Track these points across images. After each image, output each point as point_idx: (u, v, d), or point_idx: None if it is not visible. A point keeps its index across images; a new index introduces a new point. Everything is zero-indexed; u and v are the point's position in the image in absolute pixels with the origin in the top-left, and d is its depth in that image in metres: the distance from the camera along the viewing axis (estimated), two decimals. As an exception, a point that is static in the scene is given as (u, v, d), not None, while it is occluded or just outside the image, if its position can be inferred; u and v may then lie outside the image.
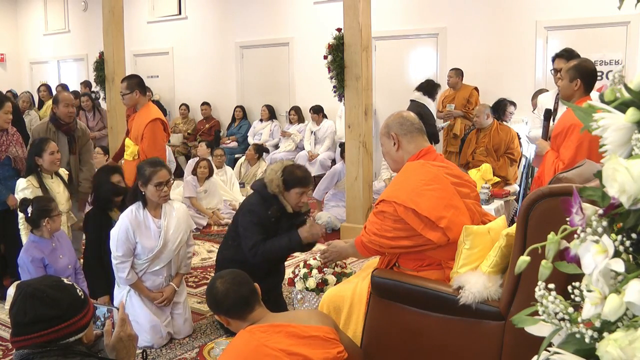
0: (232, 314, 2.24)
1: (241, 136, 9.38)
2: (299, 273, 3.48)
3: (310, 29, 8.85)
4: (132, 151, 4.77)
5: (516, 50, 7.44)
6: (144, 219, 3.39)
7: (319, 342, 2.11)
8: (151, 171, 3.30)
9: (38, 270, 3.66)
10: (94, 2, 11.23)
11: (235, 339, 2.18)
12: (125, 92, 4.76)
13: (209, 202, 6.61)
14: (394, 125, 2.73)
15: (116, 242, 3.34)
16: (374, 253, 2.71)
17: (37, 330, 1.69)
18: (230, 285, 2.24)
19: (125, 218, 3.35)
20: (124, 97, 4.81)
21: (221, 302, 2.24)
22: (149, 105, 4.89)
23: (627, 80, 1.10)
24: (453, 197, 2.54)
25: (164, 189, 3.31)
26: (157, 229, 3.40)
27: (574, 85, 3.49)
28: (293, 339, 2.08)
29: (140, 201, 3.40)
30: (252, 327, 2.14)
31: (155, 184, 3.28)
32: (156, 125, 4.73)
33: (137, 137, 4.73)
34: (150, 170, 3.30)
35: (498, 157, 5.89)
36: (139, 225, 3.36)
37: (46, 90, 9.71)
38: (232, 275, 2.30)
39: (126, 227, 3.32)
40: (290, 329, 2.11)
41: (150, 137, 4.69)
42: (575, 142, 3.30)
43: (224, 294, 2.23)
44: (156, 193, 3.31)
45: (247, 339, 2.09)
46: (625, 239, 1.01)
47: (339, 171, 6.34)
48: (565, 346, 1.05)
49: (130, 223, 3.33)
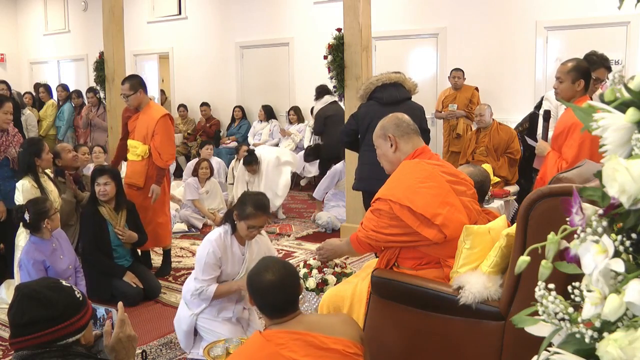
0: (264, 310, 2.11)
1: (241, 136, 9.38)
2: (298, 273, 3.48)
3: (310, 29, 8.85)
4: (142, 151, 4.72)
5: (516, 50, 7.44)
6: (231, 244, 3.31)
7: (336, 357, 2.00)
8: (251, 213, 3.16)
9: (39, 273, 3.66)
10: (94, 2, 11.23)
11: (250, 341, 2.11)
12: (129, 93, 4.70)
13: (211, 203, 6.60)
14: (391, 127, 2.73)
15: (203, 266, 3.22)
16: (368, 249, 2.72)
17: (34, 332, 1.69)
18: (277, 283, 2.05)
19: (214, 242, 3.24)
20: (128, 99, 4.73)
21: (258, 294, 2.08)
22: (151, 104, 4.87)
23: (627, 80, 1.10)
24: (448, 195, 2.55)
25: (255, 232, 3.24)
26: (242, 255, 3.34)
27: (576, 86, 3.53)
28: (310, 349, 1.97)
29: (230, 226, 3.31)
30: (270, 332, 2.03)
31: (249, 225, 3.19)
32: (167, 121, 4.73)
33: (146, 135, 4.69)
34: (251, 211, 3.16)
35: (498, 156, 5.88)
36: (225, 250, 3.27)
37: (45, 91, 9.70)
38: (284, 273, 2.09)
39: (214, 251, 3.23)
40: (309, 338, 1.99)
41: (164, 133, 4.68)
42: (578, 141, 3.30)
43: (265, 290, 2.05)
44: (246, 232, 3.23)
45: (262, 344, 1.99)
46: (625, 239, 1.01)
47: (340, 171, 6.34)
48: (565, 346, 1.05)
49: (217, 247, 3.24)
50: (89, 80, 9.84)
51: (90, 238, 4.23)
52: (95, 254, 4.21)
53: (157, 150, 4.66)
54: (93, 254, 4.21)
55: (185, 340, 3.38)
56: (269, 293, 2.05)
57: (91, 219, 4.23)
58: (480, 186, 3.17)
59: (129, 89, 4.70)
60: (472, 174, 3.15)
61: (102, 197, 4.23)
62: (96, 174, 4.28)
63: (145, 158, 4.72)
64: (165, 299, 4.32)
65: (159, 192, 4.74)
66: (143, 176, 4.72)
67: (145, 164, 4.73)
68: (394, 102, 4.17)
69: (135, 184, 4.75)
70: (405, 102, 4.25)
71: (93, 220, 4.22)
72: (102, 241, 4.22)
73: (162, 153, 4.67)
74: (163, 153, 4.67)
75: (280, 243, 5.79)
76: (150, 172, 4.73)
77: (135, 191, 4.74)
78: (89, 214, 4.26)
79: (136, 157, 4.78)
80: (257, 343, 2.02)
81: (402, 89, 4.27)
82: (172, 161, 4.87)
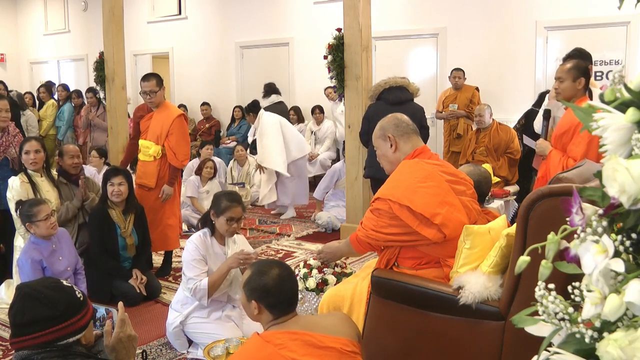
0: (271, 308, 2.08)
1: (241, 136, 9.38)
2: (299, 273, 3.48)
3: (310, 29, 8.85)
4: (155, 150, 4.69)
5: (516, 50, 7.44)
6: (212, 244, 3.41)
7: (334, 355, 2.01)
8: (227, 205, 3.29)
9: (36, 273, 3.64)
10: (94, 2, 11.23)
11: (249, 343, 2.11)
12: (155, 89, 4.65)
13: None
14: (390, 127, 2.73)
15: (190, 263, 3.30)
16: (368, 248, 2.72)
17: (35, 331, 1.69)
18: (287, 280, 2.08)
19: (195, 241, 3.35)
20: (153, 95, 4.66)
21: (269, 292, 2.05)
22: (167, 103, 4.87)
23: (627, 80, 1.10)
24: (448, 194, 2.55)
25: (234, 225, 3.32)
26: (223, 255, 3.41)
27: (577, 84, 3.54)
28: (308, 348, 1.99)
29: (208, 228, 3.42)
30: (269, 333, 2.04)
31: (228, 218, 3.29)
32: (182, 121, 4.73)
33: (160, 135, 4.67)
34: (226, 204, 3.30)
35: (498, 156, 5.89)
36: (207, 249, 3.37)
37: (46, 91, 9.70)
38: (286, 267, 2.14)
39: (197, 247, 3.32)
40: (307, 337, 2.01)
41: (180, 133, 4.68)
42: (586, 139, 3.30)
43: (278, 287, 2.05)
44: (225, 226, 3.32)
45: (261, 345, 1.99)
46: (625, 239, 1.01)
47: (339, 170, 6.34)
48: (565, 346, 1.05)
49: (200, 245, 3.34)
50: (89, 80, 9.83)
51: (97, 240, 4.20)
52: (102, 256, 4.18)
53: (173, 150, 4.65)
54: (100, 256, 4.19)
55: (177, 343, 3.44)
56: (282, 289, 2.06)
57: (100, 221, 4.20)
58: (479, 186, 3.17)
59: (155, 85, 4.65)
60: (472, 173, 3.16)
61: (115, 197, 4.19)
62: (110, 174, 4.24)
63: (158, 158, 4.70)
64: (165, 299, 4.32)
65: (171, 193, 4.74)
66: (155, 177, 4.71)
67: (157, 164, 4.71)
68: (399, 103, 4.70)
69: (146, 184, 4.73)
70: (408, 103, 4.77)
71: (102, 222, 4.19)
72: (110, 243, 4.20)
73: (177, 153, 4.66)
74: (178, 153, 4.66)
75: (280, 243, 5.79)
76: (162, 173, 4.72)
77: (147, 192, 4.73)
78: (98, 216, 4.22)
79: (148, 157, 4.75)
80: (255, 344, 2.02)
81: (406, 91, 4.81)
82: (187, 161, 4.89)
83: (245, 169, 7.56)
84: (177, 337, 3.42)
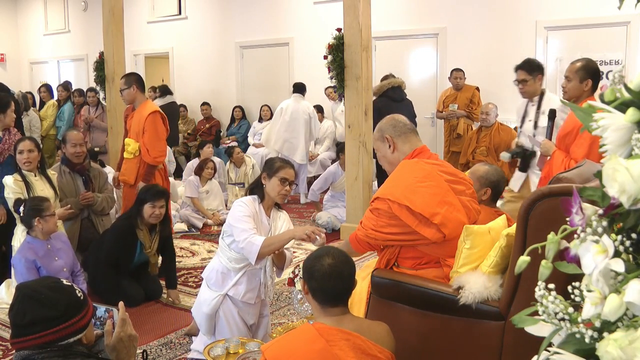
0: (317, 296, 2.09)
1: (241, 136, 9.38)
2: (299, 273, 3.47)
3: (310, 29, 8.85)
4: (133, 148, 4.74)
5: (516, 50, 7.43)
6: (259, 212, 3.24)
7: None
8: (280, 165, 3.16)
9: (30, 272, 3.64)
10: (94, 2, 11.23)
11: (302, 332, 2.09)
12: (123, 87, 4.77)
13: (210, 203, 6.60)
14: (388, 128, 2.73)
15: (241, 218, 3.08)
16: (368, 248, 2.72)
17: (36, 332, 1.69)
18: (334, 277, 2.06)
19: (245, 201, 3.18)
20: (122, 93, 4.82)
21: (313, 277, 2.08)
22: (147, 102, 4.88)
23: (627, 80, 1.10)
24: (447, 194, 2.55)
25: (287, 187, 3.17)
26: (268, 225, 3.26)
27: (584, 85, 3.54)
28: (358, 352, 1.97)
29: (257, 195, 3.25)
30: (323, 326, 2.01)
31: (281, 178, 3.14)
32: (156, 118, 4.72)
33: (138, 132, 4.70)
34: (280, 164, 3.18)
35: (498, 157, 5.89)
36: (255, 214, 3.19)
37: (46, 91, 9.70)
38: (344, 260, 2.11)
39: (248, 206, 3.15)
40: (359, 341, 1.99)
41: (152, 130, 4.67)
42: (589, 141, 3.30)
43: (323, 277, 2.05)
44: (278, 188, 3.15)
45: (315, 337, 1.98)
46: (625, 239, 1.01)
47: (333, 173, 6.37)
48: (565, 346, 1.05)
49: (249, 205, 3.16)
50: (89, 81, 9.83)
51: (112, 255, 4.10)
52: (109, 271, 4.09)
53: (146, 146, 4.66)
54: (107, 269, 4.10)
55: (207, 325, 3.25)
56: (324, 280, 2.06)
57: (124, 236, 4.11)
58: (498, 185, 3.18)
59: (123, 84, 4.78)
60: (490, 173, 3.16)
61: (153, 219, 4.09)
62: (154, 196, 4.09)
63: (137, 156, 4.74)
64: (165, 299, 4.32)
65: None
66: (134, 174, 4.74)
67: (137, 161, 4.74)
68: (399, 100, 6.15)
69: (127, 181, 4.79)
70: (406, 99, 6.28)
71: (125, 238, 4.10)
72: (125, 260, 4.14)
73: (150, 149, 4.65)
74: (151, 150, 4.65)
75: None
76: (141, 170, 4.74)
77: (128, 189, 4.79)
78: (124, 232, 4.12)
79: (129, 154, 4.80)
80: (308, 335, 2.01)
81: (402, 90, 6.26)
82: (161, 159, 4.77)
83: (243, 170, 7.56)
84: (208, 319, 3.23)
